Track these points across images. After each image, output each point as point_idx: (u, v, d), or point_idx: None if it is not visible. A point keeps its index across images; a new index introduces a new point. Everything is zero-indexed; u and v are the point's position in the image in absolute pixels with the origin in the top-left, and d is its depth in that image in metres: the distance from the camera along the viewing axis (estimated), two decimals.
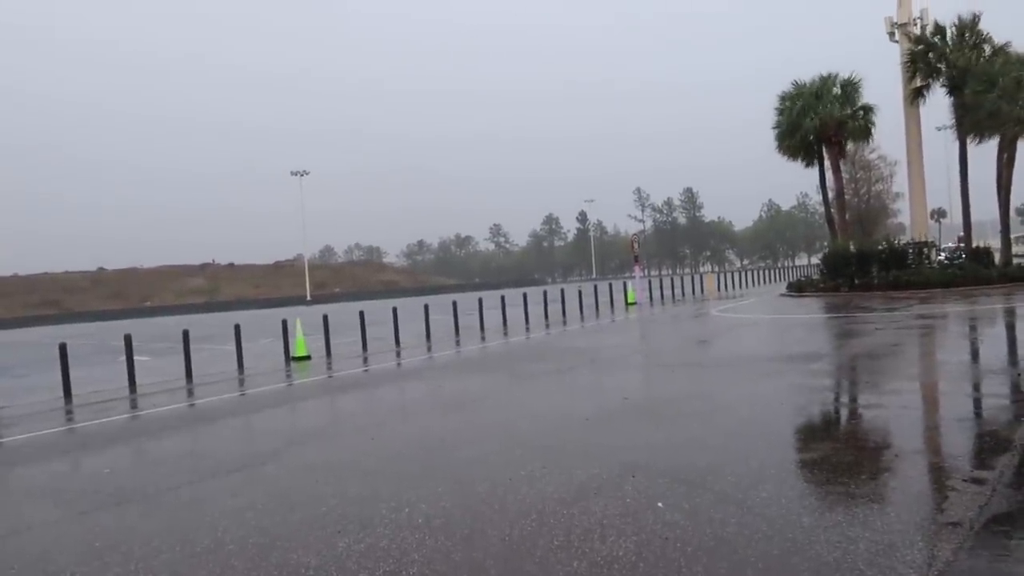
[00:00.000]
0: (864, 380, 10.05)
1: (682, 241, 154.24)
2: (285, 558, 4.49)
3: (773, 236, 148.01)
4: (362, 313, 21.17)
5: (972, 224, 31.20)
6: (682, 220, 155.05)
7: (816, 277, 32.90)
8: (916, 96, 31.31)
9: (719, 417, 7.95)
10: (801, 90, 31.87)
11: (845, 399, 9.07)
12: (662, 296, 36.89)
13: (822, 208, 37.26)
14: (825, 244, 44.69)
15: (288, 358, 17.66)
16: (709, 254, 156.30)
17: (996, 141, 28.88)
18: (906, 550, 3.93)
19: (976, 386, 9.03)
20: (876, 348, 12.93)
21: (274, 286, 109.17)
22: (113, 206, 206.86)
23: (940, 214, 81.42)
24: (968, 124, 28.75)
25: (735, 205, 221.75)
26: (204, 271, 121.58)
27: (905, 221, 50.00)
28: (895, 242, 31.66)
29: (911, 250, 29.76)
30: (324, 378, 14.46)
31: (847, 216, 35.54)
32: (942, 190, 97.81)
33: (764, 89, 68.26)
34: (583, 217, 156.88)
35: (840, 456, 6.01)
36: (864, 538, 4.12)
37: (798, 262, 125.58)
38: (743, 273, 59.54)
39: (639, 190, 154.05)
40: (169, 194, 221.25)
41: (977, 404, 8.04)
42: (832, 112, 30.74)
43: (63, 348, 14.23)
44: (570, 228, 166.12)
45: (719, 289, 43.62)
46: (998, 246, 32.05)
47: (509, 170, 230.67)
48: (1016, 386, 8.73)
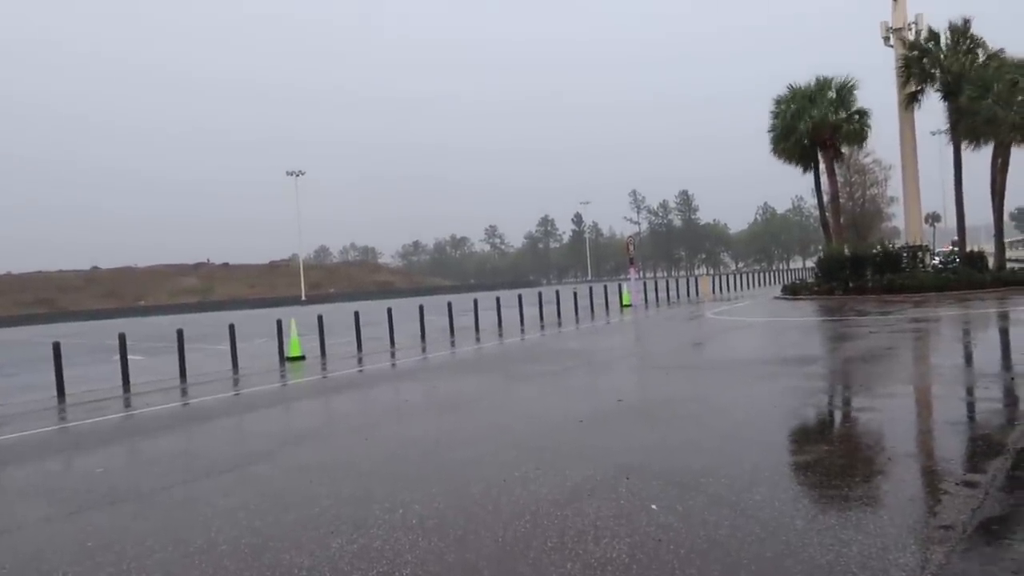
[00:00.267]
0: (858, 383, 10.07)
1: (677, 243, 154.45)
2: (278, 558, 4.48)
3: (768, 239, 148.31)
4: (357, 313, 21.15)
5: (966, 229, 31.28)
6: (678, 223, 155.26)
7: (811, 280, 32.97)
8: (911, 101, 31.40)
9: (713, 419, 7.96)
10: (796, 93, 31.99)
11: (839, 402, 9.08)
12: (657, 298, 36.94)
13: (817, 212, 37.31)
14: (820, 248, 44.77)
15: (282, 358, 17.63)
16: (704, 257, 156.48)
17: (990, 146, 29.00)
18: (899, 553, 3.94)
19: (969, 390, 9.06)
20: (870, 351, 12.96)
21: (269, 286, 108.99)
22: (109, 207, 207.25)
23: (934, 218, 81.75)
24: (963, 129, 28.86)
25: (731, 210, 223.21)
26: (198, 271, 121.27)
27: (900, 225, 50.15)
28: (889, 246, 31.74)
29: (905, 254, 29.86)
30: (318, 378, 14.43)
31: (842, 220, 35.65)
32: (936, 195, 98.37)
33: (763, 99, 68.46)
34: (578, 219, 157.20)
35: (834, 459, 6.03)
36: (857, 541, 4.13)
37: (793, 265, 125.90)
38: (738, 276, 59.68)
39: (635, 192, 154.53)
40: (165, 197, 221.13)
41: (970, 408, 8.07)
42: (826, 115, 30.84)
43: (56, 347, 14.18)
44: (566, 230, 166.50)
45: (714, 292, 43.69)
46: (992, 251, 32.19)
47: (506, 175, 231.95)
48: (1009, 390, 8.77)
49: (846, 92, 31.64)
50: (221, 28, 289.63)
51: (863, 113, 31.71)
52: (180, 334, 16.54)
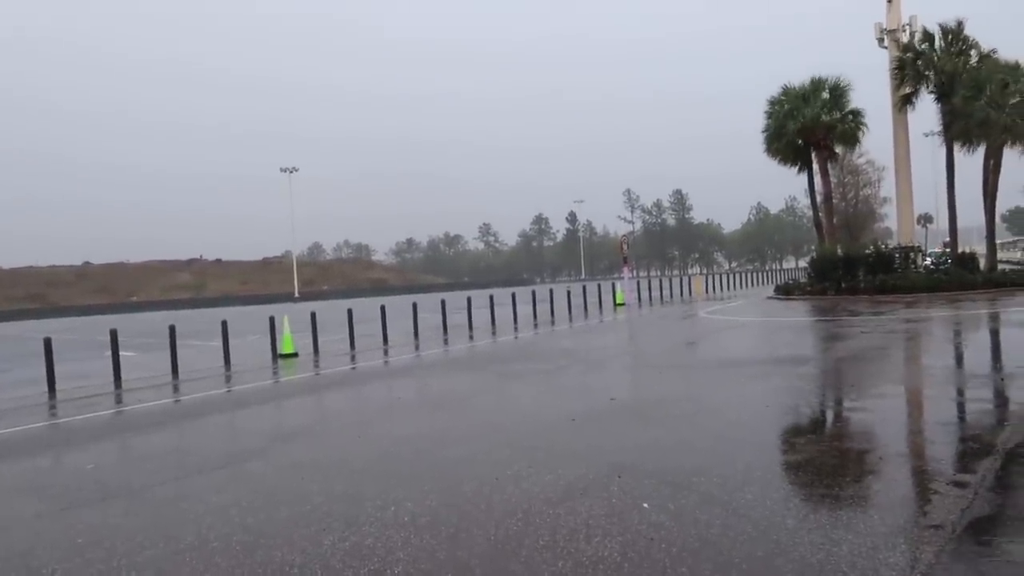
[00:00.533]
0: (850, 383, 10.12)
1: (671, 243, 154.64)
2: (270, 556, 4.47)
3: (762, 239, 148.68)
4: (350, 310, 21.10)
5: (958, 230, 31.42)
6: (671, 222, 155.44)
7: (804, 280, 33.09)
8: (904, 102, 31.51)
9: (706, 419, 7.98)
10: (789, 93, 32.05)
11: (831, 402, 9.12)
12: (650, 297, 37.01)
13: (810, 212, 37.46)
14: (813, 248, 44.94)
15: (275, 355, 17.58)
16: (698, 256, 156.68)
17: (983, 148, 29.13)
18: (889, 552, 3.96)
19: (960, 390, 9.11)
20: (862, 351, 13.01)
21: (262, 283, 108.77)
22: (102, 203, 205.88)
23: (927, 219, 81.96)
24: (956, 131, 28.97)
25: (725, 210, 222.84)
26: (191, 267, 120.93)
27: (892, 226, 50.46)
28: (882, 247, 31.86)
29: (898, 255, 29.97)
30: (311, 375, 14.41)
31: (835, 220, 35.72)
32: (929, 196, 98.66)
33: (761, 100, 68.52)
34: (572, 218, 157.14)
35: (825, 459, 6.05)
36: (847, 540, 4.15)
37: (786, 265, 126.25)
38: (731, 275, 59.80)
39: (629, 191, 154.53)
40: (159, 193, 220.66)
41: (960, 408, 8.11)
42: (819, 115, 30.90)
43: (48, 342, 14.11)
44: (559, 229, 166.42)
45: (707, 291, 43.78)
46: (983, 252, 32.35)
47: (502, 174, 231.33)
48: (999, 391, 8.82)
49: (840, 93, 31.67)
50: (217, 25, 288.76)
51: (857, 113, 31.76)
52: (172, 330, 16.49)
